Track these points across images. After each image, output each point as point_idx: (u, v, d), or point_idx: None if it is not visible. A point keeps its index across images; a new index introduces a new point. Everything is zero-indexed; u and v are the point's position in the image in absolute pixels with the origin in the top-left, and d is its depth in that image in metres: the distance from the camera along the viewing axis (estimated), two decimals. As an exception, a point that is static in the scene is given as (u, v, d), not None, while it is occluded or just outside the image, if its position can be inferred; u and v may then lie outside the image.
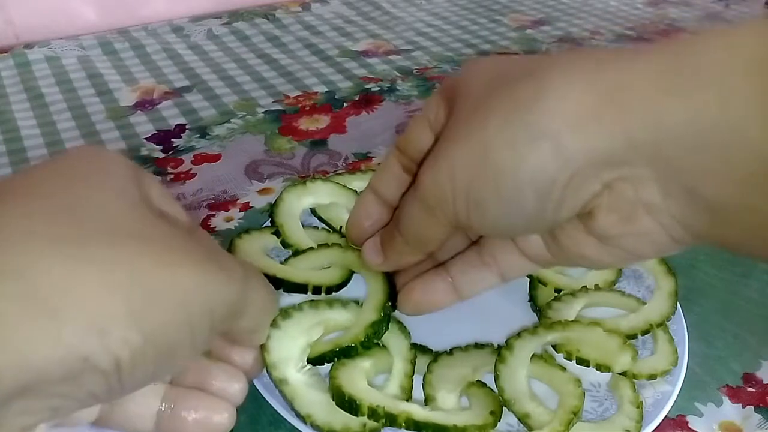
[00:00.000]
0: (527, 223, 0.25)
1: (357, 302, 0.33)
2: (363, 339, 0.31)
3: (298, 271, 0.34)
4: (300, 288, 0.33)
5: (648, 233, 0.24)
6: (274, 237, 0.37)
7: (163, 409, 0.25)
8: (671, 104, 0.21)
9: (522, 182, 0.23)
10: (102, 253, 0.19)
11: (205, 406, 0.25)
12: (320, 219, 0.40)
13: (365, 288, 0.34)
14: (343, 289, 0.34)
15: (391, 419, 0.28)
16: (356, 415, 0.29)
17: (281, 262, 0.36)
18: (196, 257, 0.21)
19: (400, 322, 0.34)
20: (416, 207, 0.27)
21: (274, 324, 0.31)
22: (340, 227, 0.39)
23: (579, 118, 0.22)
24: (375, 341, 0.32)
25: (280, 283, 0.33)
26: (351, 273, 0.35)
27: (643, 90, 0.21)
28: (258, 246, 0.36)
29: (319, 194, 0.40)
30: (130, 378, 0.20)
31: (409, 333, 0.33)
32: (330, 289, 0.34)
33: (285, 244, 0.37)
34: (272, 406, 0.30)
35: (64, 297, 0.18)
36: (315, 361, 0.31)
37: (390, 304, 0.32)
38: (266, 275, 0.33)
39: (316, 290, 0.33)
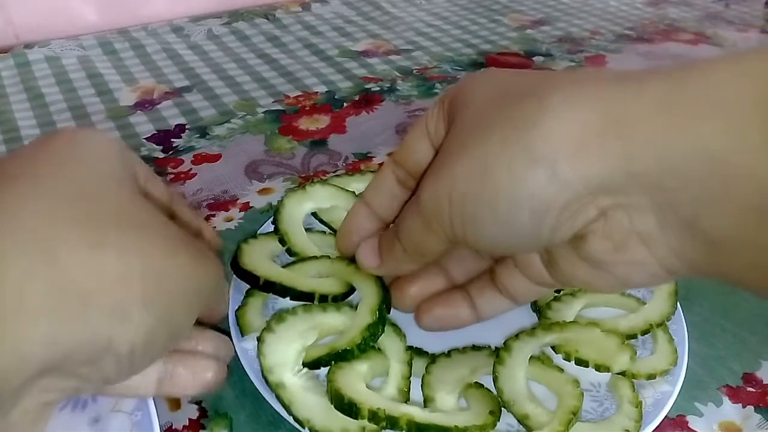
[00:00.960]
0: (521, 242, 0.25)
1: (351, 305, 0.33)
2: (359, 342, 0.31)
3: (305, 279, 0.34)
4: (307, 297, 0.33)
5: (641, 263, 0.23)
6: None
7: (164, 374, 0.26)
8: (675, 137, 0.20)
9: (517, 204, 0.23)
10: (118, 241, 0.20)
11: (201, 366, 0.27)
12: (322, 222, 0.40)
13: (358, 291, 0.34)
14: None
15: (393, 422, 0.28)
16: (356, 418, 0.28)
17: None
18: (188, 246, 0.23)
19: (394, 325, 0.34)
20: (415, 219, 0.27)
21: (268, 328, 0.31)
22: None
23: (578, 143, 0.21)
24: (371, 344, 0.32)
25: (287, 292, 0.33)
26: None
27: (647, 120, 0.21)
28: (265, 251, 0.36)
29: (319, 198, 0.40)
30: (140, 360, 0.21)
31: (405, 335, 0.33)
32: (336, 298, 0.33)
33: (291, 252, 0.37)
34: (272, 406, 0.30)
35: (92, 281, 0.19)
36: (311, 365, 0.31)
37: (385, 306, 0.32)
38: (273, 283, 0.33)
39: (323, 299, 0.33)
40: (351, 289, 0.34)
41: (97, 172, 0.22)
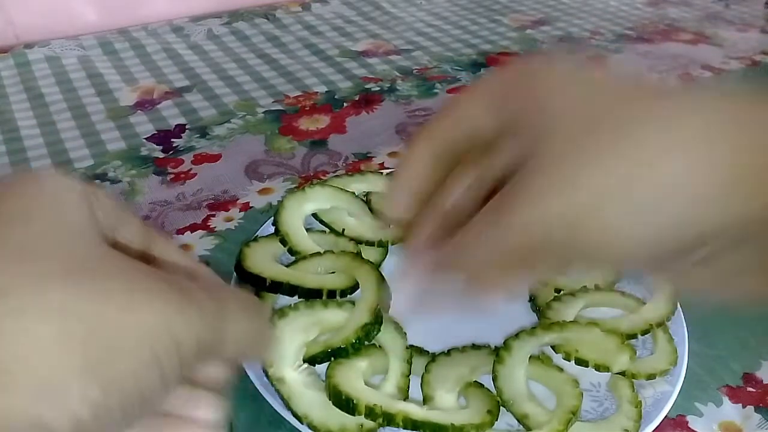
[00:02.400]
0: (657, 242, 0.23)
1: (352, 303, 0.33)
2: (354, 341, 0.31)
3: (311, 276, 0.34)
4: (315, 294, 0.33)
5: (744, 289, 0.24)
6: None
7: None
8: None
9: (663, 195, 0.22)
10: (57, 300, 0.18)
11: None
12: (322, 222, 0.41)
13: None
14: None
15: (389, 418, 0.28)
16: (353, 414, 0.29)
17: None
18: (157, 290, 0.20)
19: (395, 323, 0.34)
20: (498, 249, 0.24)
21: (270, 323, 0.31)
22: (343, 230, 0.40)
23: (710, 188, 0.21)
24: (366, 343, 0.32)
25: (295, 290, 0.33)
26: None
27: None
28: (268, 253, 0.36)
29: (319, 200, 0.40)
30: None
31: (405, 333, 0.34)
32: (344, 292, 0.34)
33: (292, 252, 0.37)
34: (272, 406, 0.30)
35: (14, 356, 0.17)
36: (309, 361, 0.31)
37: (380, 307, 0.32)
38: (281, 283, 0.33)
39: (331, 294, 0.33)
40: (357, 283, 0.34)
41: (46, 222, 0.20)
